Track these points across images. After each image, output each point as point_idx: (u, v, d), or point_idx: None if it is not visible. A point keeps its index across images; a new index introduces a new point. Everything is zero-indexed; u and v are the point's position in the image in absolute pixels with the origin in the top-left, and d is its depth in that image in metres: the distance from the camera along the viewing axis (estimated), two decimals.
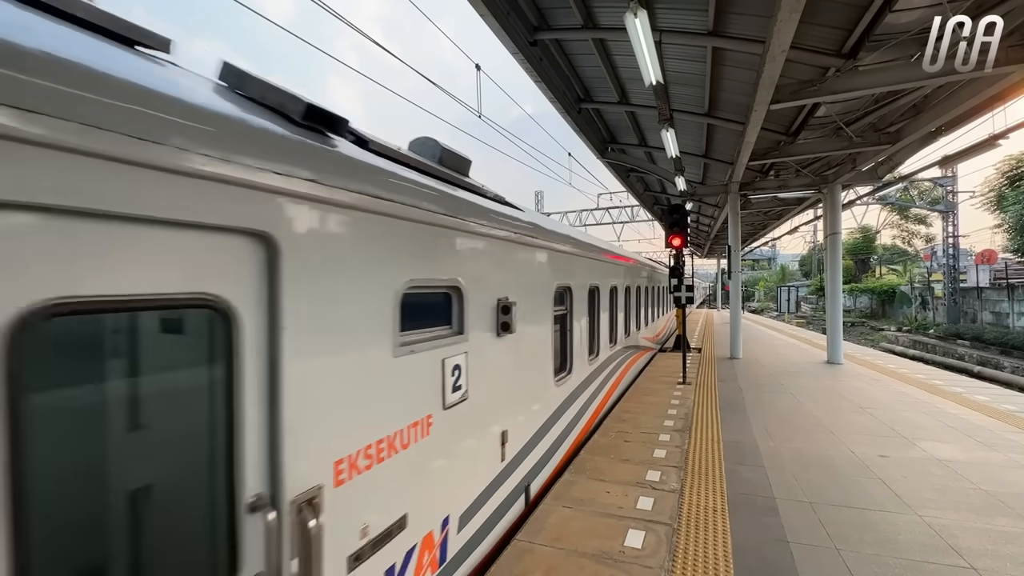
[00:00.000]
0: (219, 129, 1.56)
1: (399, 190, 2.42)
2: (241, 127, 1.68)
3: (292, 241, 1.77)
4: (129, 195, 1.30)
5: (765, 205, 19.31)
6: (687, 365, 9.99)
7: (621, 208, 34.99)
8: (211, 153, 1.48)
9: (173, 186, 1.39)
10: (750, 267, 71.06)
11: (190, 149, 1.42)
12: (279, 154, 1.75)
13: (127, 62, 1.49)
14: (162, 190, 1.37)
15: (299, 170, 1.79)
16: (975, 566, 3.37)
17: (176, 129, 1.40)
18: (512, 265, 3.87)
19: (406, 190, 2.48)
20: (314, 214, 1.89)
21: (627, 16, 5.62)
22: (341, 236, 2.06)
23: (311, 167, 1.86)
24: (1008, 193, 25.94)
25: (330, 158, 2.02)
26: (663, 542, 3.61)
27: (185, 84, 1.62)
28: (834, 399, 8.43)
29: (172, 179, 1.38)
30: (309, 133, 1.98)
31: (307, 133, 1.97)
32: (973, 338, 24.64)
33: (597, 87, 11.02)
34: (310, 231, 1.87)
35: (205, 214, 1.48)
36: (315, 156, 1.93)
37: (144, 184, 1.33)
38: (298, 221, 1.81)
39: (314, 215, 1.89)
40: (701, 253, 43.57)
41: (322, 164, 1.94)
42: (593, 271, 6.55)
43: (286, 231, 1.75)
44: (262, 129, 1.75)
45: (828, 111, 9.59)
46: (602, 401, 7.13)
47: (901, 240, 42.15)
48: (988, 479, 4.84)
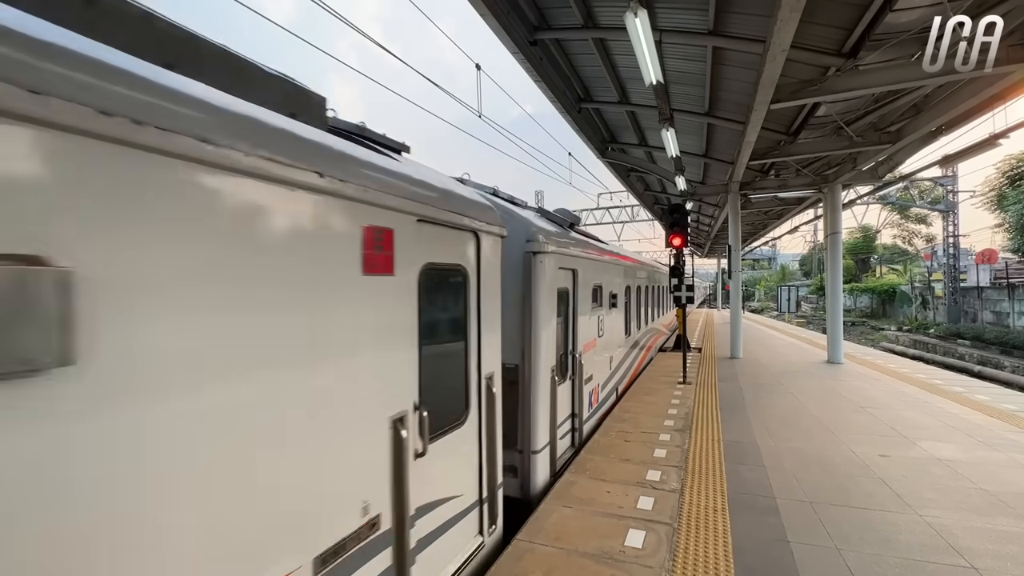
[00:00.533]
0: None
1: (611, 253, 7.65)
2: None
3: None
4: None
5: (765, 205, 19.29)
6: (687, 365, 9.99)
7: (621, 208, 34.94)
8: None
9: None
10: (750, 267, 71.09)
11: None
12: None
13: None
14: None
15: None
16: (976, 566, 3.37)
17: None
18: (621, 275, 8.55)
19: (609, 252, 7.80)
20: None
21: (627, 15, 5.62)
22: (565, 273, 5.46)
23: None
24: (1008, 192, 25.92)
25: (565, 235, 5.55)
26: (663, 542, 3.60)
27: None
28: (834, 399, 8.43)
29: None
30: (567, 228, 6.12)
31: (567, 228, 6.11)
32: (973, 338, 24.62)
33: (597, 87, 11.01)
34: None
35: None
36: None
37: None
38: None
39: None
40: (701, 253, 43.55)
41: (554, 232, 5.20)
42: (643, 278, 11.01)
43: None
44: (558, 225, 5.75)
45: (828, 110, 9.59)
46: (645, 352, 11.79)
47: (901, 240, 42.16)
48: (989, 479, 4.84)
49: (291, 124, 1.97)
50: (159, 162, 1.37)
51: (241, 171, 1.61)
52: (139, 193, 1.34)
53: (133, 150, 1.31)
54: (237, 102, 1.74)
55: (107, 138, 1.25)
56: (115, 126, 1.26)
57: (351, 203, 2.11)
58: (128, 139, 1.30)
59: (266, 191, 1.72)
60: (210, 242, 1.53)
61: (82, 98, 1.20)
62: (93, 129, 1.22)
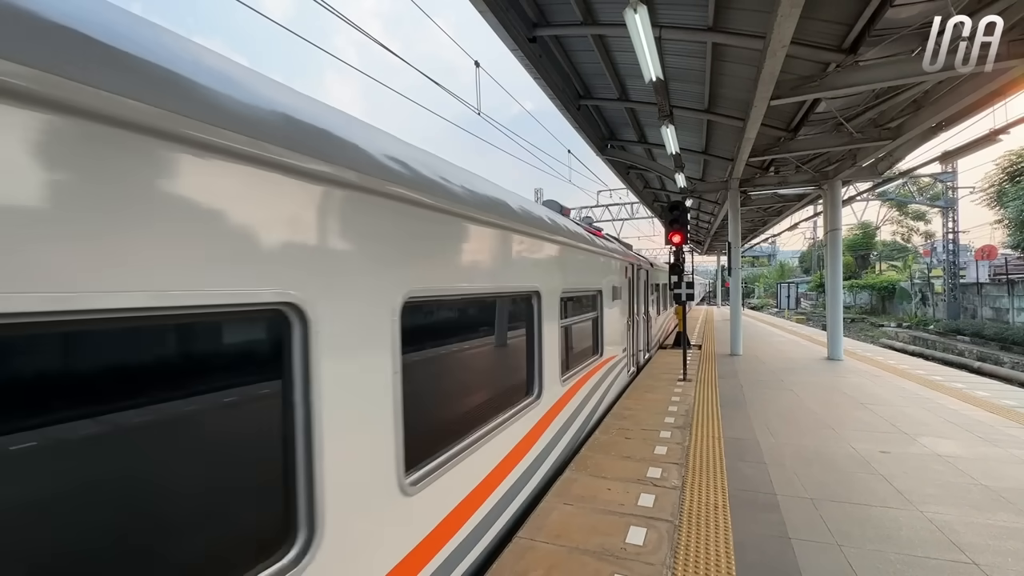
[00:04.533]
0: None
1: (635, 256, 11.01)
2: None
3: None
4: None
5: (765, 201, 19.28)
6: (687, 362, 9.99)
7: (621, 205, 34.94)
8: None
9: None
10: (750, 263, 71.15)
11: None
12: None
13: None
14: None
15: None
16: (977, 561, 3.37)
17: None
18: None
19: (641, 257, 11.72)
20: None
21: (627, 12, 5.60)
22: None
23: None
24: (1008, 189, 25.90)
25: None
26: (664, 539, 3.60)
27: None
28: (834, 395, 8.43)
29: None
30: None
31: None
32: (973, 334, 24.65)
33: (597, 83, 10.98)
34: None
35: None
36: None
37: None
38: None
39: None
40: (701, 250, 43.53)
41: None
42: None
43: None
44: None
45: (828, 107, 9.56)
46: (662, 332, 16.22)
47: (901, 237, 42.16)
48: (989, 474, 4.84)
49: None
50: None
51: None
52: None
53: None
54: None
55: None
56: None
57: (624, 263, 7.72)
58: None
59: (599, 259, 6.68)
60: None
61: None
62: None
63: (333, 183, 1.90)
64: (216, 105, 1.48)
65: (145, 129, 1.27)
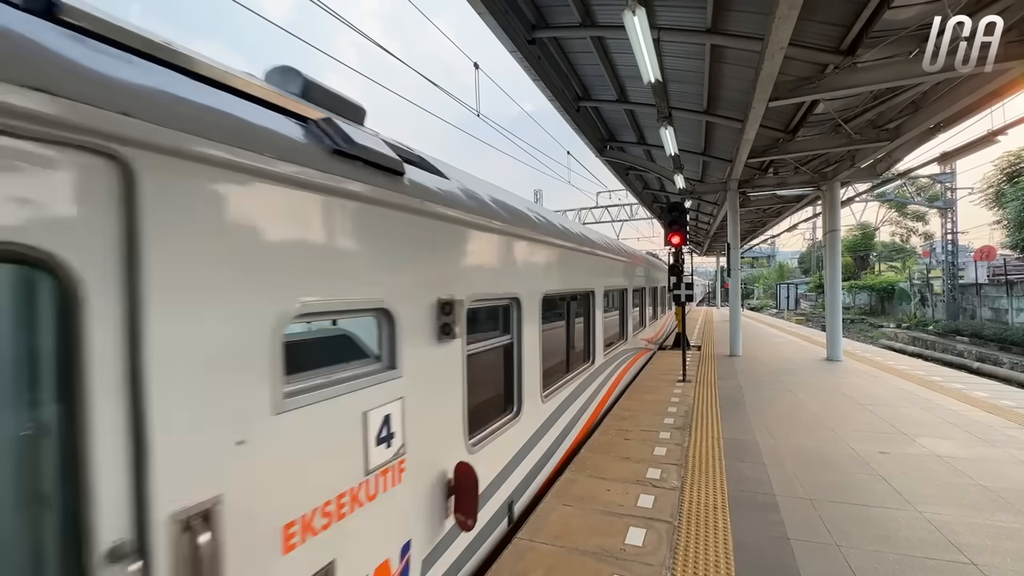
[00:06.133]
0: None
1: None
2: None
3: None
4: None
5: (764, 203, 19.30)
6: (687, 363, 10.00)
7: (620, 206, 34.94)
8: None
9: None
10: (749, 264, 71.15)
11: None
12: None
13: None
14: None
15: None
16: (975, 562, 3.38)
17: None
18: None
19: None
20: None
21: (626, 14, 5.61)
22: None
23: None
24: (1007, 189, 25.96)
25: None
26: (664, 540, 3.61)
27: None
28: (834, 396, 8.44)
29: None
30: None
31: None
32: (972, 334, 24.67)
33: (596, 85, 11.00)
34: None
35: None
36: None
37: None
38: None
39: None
40: (700, 251, 43.52)
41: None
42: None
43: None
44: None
45: (827, 108, 9.58)
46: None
47: (900, 237, 42.22)
48: (988, 475, 4.85)
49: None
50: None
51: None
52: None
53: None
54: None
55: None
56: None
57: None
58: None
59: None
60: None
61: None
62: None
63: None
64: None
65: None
